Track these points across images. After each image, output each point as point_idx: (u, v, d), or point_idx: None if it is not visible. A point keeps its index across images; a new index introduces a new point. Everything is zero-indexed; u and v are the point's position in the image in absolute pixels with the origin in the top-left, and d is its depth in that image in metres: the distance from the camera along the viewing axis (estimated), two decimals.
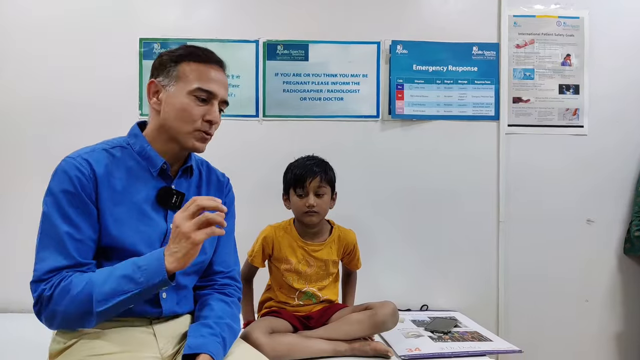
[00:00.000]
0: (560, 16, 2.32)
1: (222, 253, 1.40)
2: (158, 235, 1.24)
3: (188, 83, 1.23)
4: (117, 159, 1.22)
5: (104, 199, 1.17)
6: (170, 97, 1.24)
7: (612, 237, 2.33)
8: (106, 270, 1.11)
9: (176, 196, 1.26)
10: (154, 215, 1.24)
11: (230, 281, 1.39)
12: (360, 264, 1.87)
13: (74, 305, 1.08)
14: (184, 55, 1.26)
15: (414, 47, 2.25)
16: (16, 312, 2.08)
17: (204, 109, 1.24)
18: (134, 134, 1.29)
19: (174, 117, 1.23)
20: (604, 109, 2.32)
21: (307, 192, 1.67)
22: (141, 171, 1.24)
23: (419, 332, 1.89)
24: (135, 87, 2.16)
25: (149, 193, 1.24)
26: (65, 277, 1.09)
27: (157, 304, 1.23)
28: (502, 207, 2.28)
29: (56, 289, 1.08)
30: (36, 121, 2.13)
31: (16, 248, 2.09)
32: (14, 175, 2.13)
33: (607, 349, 2.33)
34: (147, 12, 2.18)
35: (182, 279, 1.28)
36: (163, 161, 1.25)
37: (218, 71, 1.28)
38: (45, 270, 1.10)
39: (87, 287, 1.07)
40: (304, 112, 2.23)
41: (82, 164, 1.16)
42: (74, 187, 1.13)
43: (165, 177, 1.28)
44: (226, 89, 1.30)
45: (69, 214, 1.12)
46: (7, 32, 2.13)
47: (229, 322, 1.26)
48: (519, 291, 2.29)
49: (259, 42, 2.21)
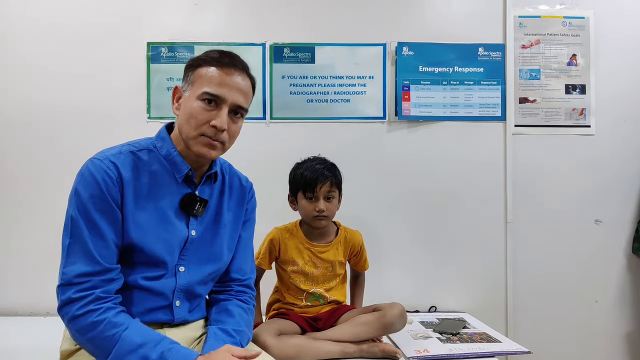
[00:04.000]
0: (565, 16, 2.32)
1: (240, 261, 1.39)
2: (179, 242, 1.23)
3: (199, 87, 1.20)
4: (143, 162, 1.21)
5: (128, 203, 1.16)
6: (185, 101, 1.22)
7: (620, 237, 2.32)
8: (137, 337, 1.08)
9: (199, 203, 1.25)
10: (176, 222, 1.23)
11: (245, 289, 1.39)
12: (367, 265, 1.87)
13: (93, 345, 1.08)
14: (202, 59, 1.23)
15: (420, 49, 2.26)
16: (26, 315, 2.10)
17: (211, 114, 1.18)
18: (162, 137, 1.27)
19: (185, 121, 1.21)
20: (611, 108, 2.31)
21: (317, 197, 1.67)
22: (166, 176, 1.23)
23: (427, 334, 1.88)
24: (143, 91, 2.17)
25: (173, 199, 1.23)
26: (100, 307, 1.08)
27: (169, 311, 1.23)
28: (510, 207, 2.27)
29: (89, 316, 1.07)
30: (44, 126, 2.15)
31: (26, 254, 2.11)
32: (25, 181, 2.14)
33: (617, 349, 2.31)
34: (155, 16, 2.19)
35: (198, 287, 1.28)
36: (188, 168, 1.24)
37: (233, 75, 1.21)
38: (74, 274, 1.09)
39: (113, 341, 1.06)
40: (311, 114, 2.24)
41: (110, 167, 1.15)
42: (101, 191, 1.12)
43: (190, 183, 1.26)
44: (242, 93, 1.22)
45: (95, 219, 1.11)
46: (15, 39, 2.15)
47: (245, 330, 1.27)
48: (527, 292, 2.28)
49: (265, 45, 2.22)
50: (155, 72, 2.18)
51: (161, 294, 1.21)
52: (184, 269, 1.25)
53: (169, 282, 1.22)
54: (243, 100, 1.23)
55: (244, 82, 1.23)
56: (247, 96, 1.25)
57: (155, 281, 1.20)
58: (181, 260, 1.25)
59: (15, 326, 1.97)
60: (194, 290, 1.27)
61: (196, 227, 1.26)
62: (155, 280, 1.20)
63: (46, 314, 2.07)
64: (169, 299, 1.22)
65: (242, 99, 1.23)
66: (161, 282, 1.21)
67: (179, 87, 1.26)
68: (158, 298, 1.21)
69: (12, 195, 2.14)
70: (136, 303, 1.18)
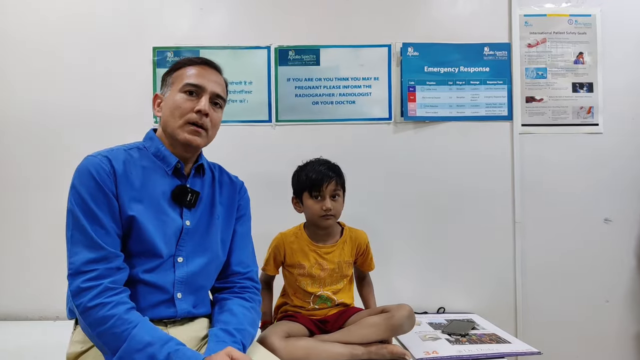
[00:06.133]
0: (571, 14, 2.31)
1: (239, 254, 1.41)
2: (174, 231, 1.27)
3: (179, 83, 1.31)
4: (134, 158, 1.28)
5: (123, 195, 1.21)
6: (166, 100, 1.33)
7: (630, 236, 2.29)
8: (146, 335, 1.09)
9: (191, 194, 1.30)
10: (170, 212, 1.28)
11: (249, 282, 1.40)
12: (373, 265, 1.86)
13: (102, 340, 1.10)
14: (179, 63, 1.36)
15: (425, 49, 2.25)
16: (35, 319, 2.11)
17: (193, 102, 1.28)
18: (149, 137, 1.35)
19: (169, 114, 1.30)
20: (619, 106, 2.29)
21: (323, 196, 1.68)
22: (157, 170, 1.30)
23: (436, 335, 1.88)
24: (149, 96, 2.18)
25: (165, 190, 1.29)
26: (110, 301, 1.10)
27: (172, 304, 1.25)
28: (518, 207, 2.26)
29: (99, 309, 1.09)
30: (51, 130, 2.16)
31: (36, 258, 2.12)
32: (35, 186, 2.16)
33: (628, 349, 2.29)
34: (161, 21, 2.21)
35: (199, 279, 1.30)
36: (177, 160, 1.31)
37: (208, 70, 1.34)
38: (81, 262, 1.12)
39: (122, 338, 1.07)
40: (317, 116, 2.24)
41: (103, 160, 1.21)
42: (96, 183, 1.18)
43: (180, 176, 1.33)
44: (219, 85, 1.34)
45: (93, 208, 1.16)
46: (22, 43, 2.17)
47: (248, 328, 1.27)
48: (536, 292, 2.26)
49: (270, 48, 2.23)
50: (161, 77, 2.18)
51: (162, 287, 1.23)
52: (182, 260, 1.28)
53: (168, 274, 1.25)
54: (221, 90, 1.35)
55: (219, 78, 1.36)
56: (224, 89, 1.37)
57: (155, 273, 1.23)
58: (179, 251, 1.28)
59: (26, 330, 1.98)
60: (195, 281, 1.29)
61: (190, 217, 1.31)
62: (154, 272, 1.23)
63: (56, 318, 2.09)
64: (170, 292, 1.24)
65: (220, 89, 1.34)
66: (160, 274, 1.23)
67: (159, 94, 1.37)
68: (159, 292, 1.23)
69: (22, 200, 2.16)
70: (139, 298, 1.20)
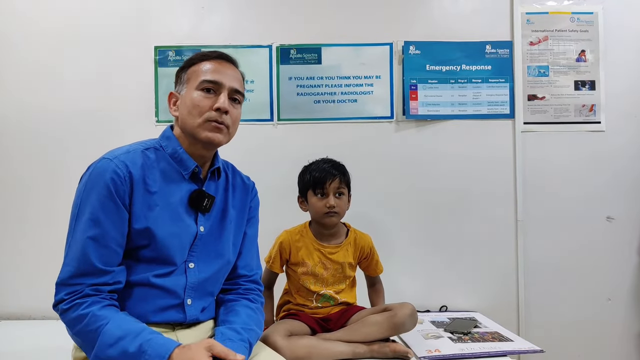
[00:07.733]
0: (573, 12, 2.30)
1: (246, 257, 1.41)
2: (189, 238, 1.25)
3: (195, 80, 1.26)
4: (151, 160, 1.24)
5: (139, 201, 1.18)
6: (183, 98, 1.28)
7: (633, 234, 2.29)
8: (117, 330, 1.07)
9: (207, 199, 1.28)
10: (186, 218, 1.25)
11: (253, 285, 1.40)
12: (380, 267, 1.86)
13: (81, 339, 1.11)
14: (192, 59, 1.31)
15: (427, 47, 2.25)
16: (39, 319, 2.12)
17: (212, 100, 1.24)
18: (167, 136, 1.30)
19: (187, 113, 1.25)
20: (621, 104, 2.29)
21: (327, 193, 1.69)
22: (174, 173, 1.26)
23: (438, 333, 1.88)
24: (151, 95, 2.19)
25: (182, 196, 1.26)
26: (84, 301, 1.09)
27: (181, 309, 1.24)
28: (520, 206, 2.25)
29: (74, 310, 1.09)
30: (53, 129, 2.16)
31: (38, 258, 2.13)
32: (37, 186, 2.16)
33: (630, 348, 2.28)
34: (162, 20, 2.21)
35: (208, 285, 1.30)
36: (195, 164, 1.27)
37: (224, 65, 1.30)
38: (68, 275, 1.11)
39: (96, 335, 1.07)
40: (318, 114, 2.24)
41: (119, 166, 1.16)
42: (109, 191, 1.14)
43: (196, 179, 1.29)
44: (237, 80, 1.30)
45: (99, 218, 1.13)
46: (23, 43, 2.17)
47: (254, 328, 1.28)
48: (539, 290, 2.26)
49: (272, 47, 2.22)
50: (163, 76, 2.19)
51: (173, 292, 1.22)
52: (193, 266, 1.26)
53: (179, 279, 1.23)
54: (239, 85, 1.30)
55: (236, 72, 1.32)
56: (241, 84, 1.33)
57: (166, 278, 1.21)
58: (190, 257, 1.26)
59: (29, 330, 1.98)
60: (204, 287, 1.28)
61: (204, 223, 1.29)
62: (166, 278, 1.21)
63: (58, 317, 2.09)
64: (180, 297, 1.23)
65: (238, 84, 1.30)
66: (172, 279, 1.22)
67: (174, 92, 1.32)
68: (170, 296, 1.21)
69: (24, 199, 2.16)
70: (149, 302, 1.19)
